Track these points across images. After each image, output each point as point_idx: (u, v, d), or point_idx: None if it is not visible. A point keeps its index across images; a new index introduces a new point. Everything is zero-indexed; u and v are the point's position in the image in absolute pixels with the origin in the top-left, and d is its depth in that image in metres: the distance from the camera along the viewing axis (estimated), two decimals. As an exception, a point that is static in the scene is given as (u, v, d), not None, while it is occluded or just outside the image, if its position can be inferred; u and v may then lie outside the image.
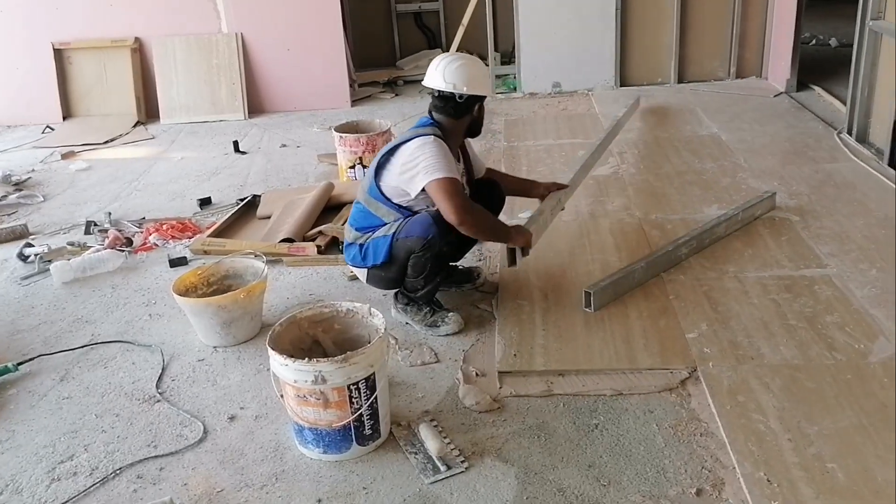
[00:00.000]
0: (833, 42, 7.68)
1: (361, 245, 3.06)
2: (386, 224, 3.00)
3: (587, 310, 3.10)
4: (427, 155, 2.88)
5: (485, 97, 3.10)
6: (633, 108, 5.71)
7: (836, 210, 3.92)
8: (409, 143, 2.94)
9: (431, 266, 2.97)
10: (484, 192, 3.28)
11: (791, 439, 2.34)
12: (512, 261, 3.08)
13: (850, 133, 4.92)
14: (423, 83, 3.13)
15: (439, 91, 3.00)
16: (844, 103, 5.18)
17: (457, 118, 3.05)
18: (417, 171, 2.88)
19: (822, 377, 2.61)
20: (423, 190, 2.88)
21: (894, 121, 4.29)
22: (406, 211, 2.99)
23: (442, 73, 2.99)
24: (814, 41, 7.78)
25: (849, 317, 2.96)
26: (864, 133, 4.83)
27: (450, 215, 2.85)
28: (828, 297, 3.11)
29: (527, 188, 3.60)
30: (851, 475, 2.18)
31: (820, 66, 6.69)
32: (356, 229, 3.10)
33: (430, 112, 3.09)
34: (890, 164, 4.34)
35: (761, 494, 2.14)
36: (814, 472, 2.21)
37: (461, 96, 2.98)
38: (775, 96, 6.09)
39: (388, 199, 2.99)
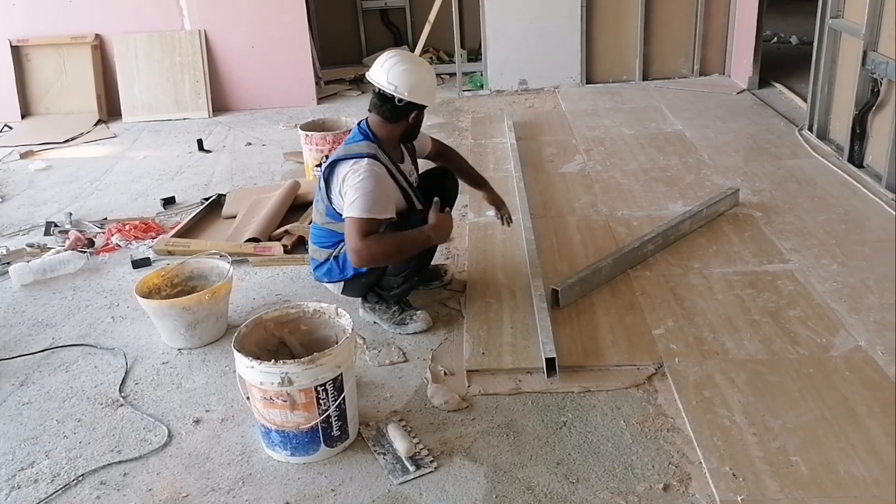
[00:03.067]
0: (794, 40, 7.80)
1: (336, 257, 3.00)
2: None
3: (555, 307, 3.11)
4: (355, 186, 2.79)
5: (425, 106, 2.96)
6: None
7: (797, 206, 3.98)
8: (343, 165, 2.86)
9: (414, 265, 2.97)
10: (434, 182, 3.24)
11: (756, 433, 2.37)
12: (551, 369, 2.72)
13: (811, 130, 5.00)
14: (366, 74, 3.03)
15: (381, 89, 2.89)
16: (805, 100, 5.26)
17: (392, 122, 2.93)
18: (346, 200, 2.82)
19: (786, 371, 2.65)
20: None
21: (853, 117, 4.36)
22: None
23: (387, 71, 2.87)
24: (775, 39, 7.89)
25: (811, 311, 3.01)
26: (824, 129, 4.91)
27: (349, 254, 2.81)
28: (790, 291, 3.16)
29: (478, 182, 3.46)
30: (814, 468, 2.22)
31: (781, 63, 6.79)
32: (324, 247, 3.04)
33: (369, 109, 2.97)
34: (849, 160, 4.42)
35: (727, 489, 2.17)
36: (778, 465, 2.24)
37: (400, 100, 2.87)
38: (738, 93, 6.17)
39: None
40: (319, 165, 4.57)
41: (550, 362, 2.71)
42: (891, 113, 4.05)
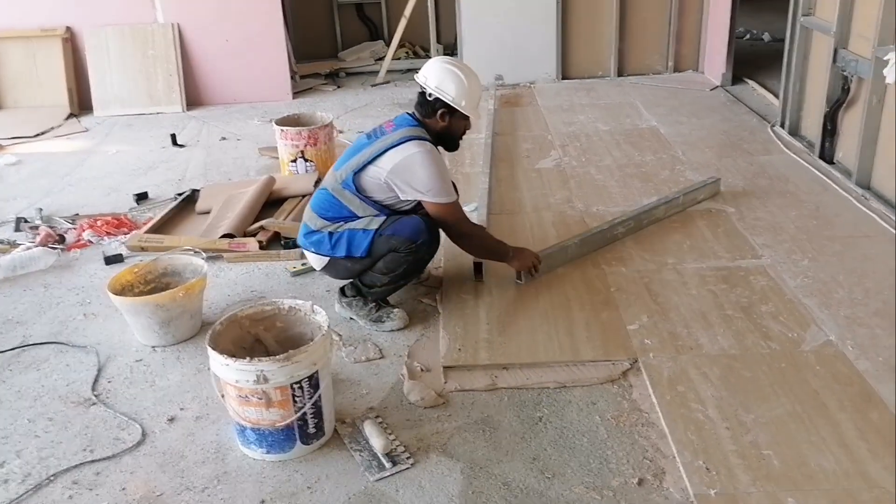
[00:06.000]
0: (766, 37, 7.87)
1: (332, 233, 2.97)
2: (360, 217, 2.95)
3: (518, 282, 3.23)
4: (427, 171, 2.87)
5: (456, 111, 2.96)
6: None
7: (769, 201, 4.02)
8: (405, 146, 2.89)
9: (406, 269, 2.96)
10: None
11: (729, 427, 2.40)
12: (477, 272, 3.30)
13: (783, 126, 5.06)
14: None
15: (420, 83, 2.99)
16: (777, 97, 5.32)
17: (425, 117, 2.99)
18: (417, 185, 2.89)
19: (758, 366, 2.68)
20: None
21: (824, 114, 4.42)
22: (384, 209, 2.94)
23: (429, 64, 2.98)
24: (748, 36, 7.96)
25: (782, 306, 3.05)
26: (796, 126, 4.97)
27: (450, 237, 3.07)
28: (762, 287, 3.20)
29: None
30: (786, 461, 2.25)
31: (754, 60, 6.86)
32: (324, 217, 3.00)
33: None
34: (821, 157, 4.48)
35: (700, 482, 2.19)
36: (750, 459, 2.27)
37: (430, 94, 2.94)
38: (711, 90, 6.23)
39: (365, 195, 2.94)
40: (295, 161, 4.56)
41: (478, 266, 3.29)
42: (861, 110, 4.10)
